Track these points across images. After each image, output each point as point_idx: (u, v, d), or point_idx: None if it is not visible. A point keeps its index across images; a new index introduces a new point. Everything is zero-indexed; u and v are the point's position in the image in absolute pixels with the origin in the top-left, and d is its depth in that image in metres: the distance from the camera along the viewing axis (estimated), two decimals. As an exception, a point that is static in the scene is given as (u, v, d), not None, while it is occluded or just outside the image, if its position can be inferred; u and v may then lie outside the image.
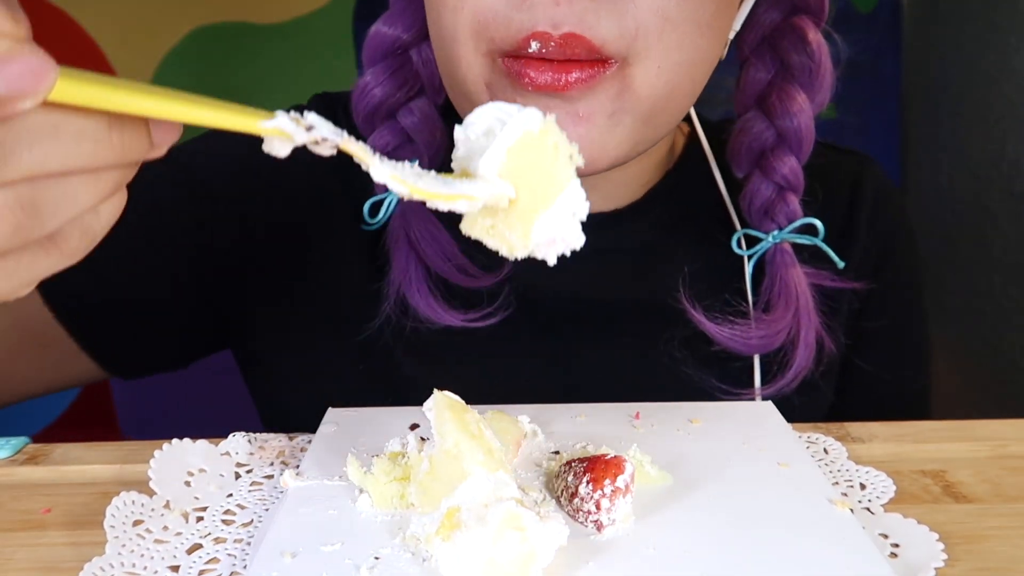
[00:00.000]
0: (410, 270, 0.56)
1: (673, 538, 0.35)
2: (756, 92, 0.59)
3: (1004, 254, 1.24)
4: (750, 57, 0.59)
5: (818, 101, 0.58)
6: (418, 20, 0.57)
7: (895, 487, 0.42)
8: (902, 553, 0.36)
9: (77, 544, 0.39)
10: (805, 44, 0.57)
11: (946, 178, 1.35)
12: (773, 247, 0.58)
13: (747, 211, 0.60)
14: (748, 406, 0.50)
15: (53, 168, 0.27)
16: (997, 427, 0.50)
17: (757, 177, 0.59)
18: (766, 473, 0.41)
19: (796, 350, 0.56)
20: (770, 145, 0.59)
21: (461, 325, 0.56)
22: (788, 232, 0.58)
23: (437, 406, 0.37)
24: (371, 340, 0.58)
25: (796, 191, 0.59)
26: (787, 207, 0.58)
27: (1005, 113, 1.22)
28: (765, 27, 0.58)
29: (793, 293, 0.57)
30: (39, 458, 0.47)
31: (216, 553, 0.37)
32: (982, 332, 1.27)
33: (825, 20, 0.59)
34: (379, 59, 0.58)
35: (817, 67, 0.57)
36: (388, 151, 0.58)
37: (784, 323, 0.56)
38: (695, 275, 0.58)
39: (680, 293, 0.56)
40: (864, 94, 1.41)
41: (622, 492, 0.36)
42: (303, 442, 0.47)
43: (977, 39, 1.27)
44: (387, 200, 0.58)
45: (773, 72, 0.59)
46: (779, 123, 0.58)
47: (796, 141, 0.58)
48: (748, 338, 0.56)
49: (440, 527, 0.33)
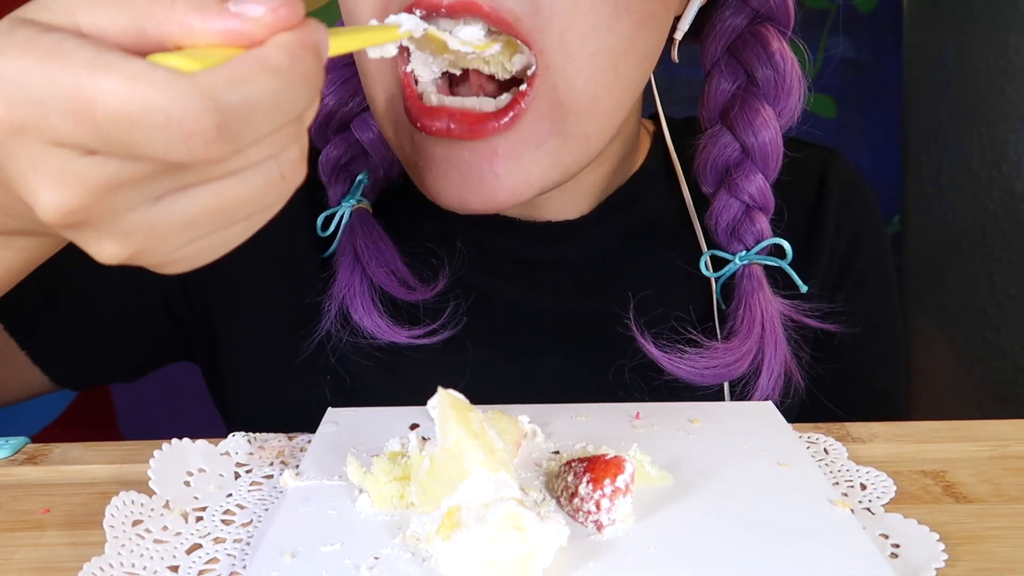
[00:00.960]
0: (354, 284, 0.54)
1: (673, 538, 0.35)
2: (720, 104, 0.56)
3: (1004, 254, 1.24)
4: (712, 68, 0.57)
5: (786, 115, 0.55)
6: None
7: (895, 487, 0.42)
8: (902, 553, 0.36)
9: (76, 544, 0.39)
10: (769, 55, 0.54)
11: (946, 178, 1.35)
12: (741, 269, 0.56)
13: (713, 230, 0.57)
14: (748, 406, 0.50)
15: (294, 114, 0.28)
16: (997, 427, 0.49)
17: (723, 195, 0.56)
18: (766, 473, 0.41)
19: (759, 379, 0.54)
20: (734, 161, 0.56)
21: (406, 342, 0.53)
22: (754, 253, 0.55)
23: (441, 404, 0.37)
24: (315, 356, 0.56)
25: (765, 210, 0.56)
26: (754, 227, 0.56)
27: (1005, 113, 1.22)
28: (729, 35, 0.56)
29: (758, 320, 0.54)
30: (38, 458, 0.47)
31: (216, 553, 0.37)
32: (982, 332, 1.27)
33: (791, 30, 0.56)
34: (330, 68, 0.55)
35: (783, 79, 0.54)
36: (341, 164, 0.57)
37: (743, 351, 0.53)
38: (650, 299, 0.56)
39: (630, 321, 0.53)
40: (864, 94, 1.41)
41: (622, 492, 0.36)
42: (303, 442, 0.47)
43: (977, 39, 1.27)
44: (339, 213, 0.56)
45: (737, 84, 0.56)
46: (743, 138, 0.55)
47: (762, 158, 0.55)
48: (703, 368, 0.53)
49: (440, 526, 0.33)
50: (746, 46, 0.55)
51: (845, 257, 0.63)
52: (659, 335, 0.54)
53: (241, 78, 0.25)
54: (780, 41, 0.55)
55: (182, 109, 0.24)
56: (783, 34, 0.55)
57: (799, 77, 0.55)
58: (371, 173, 0.57)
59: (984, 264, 1.27)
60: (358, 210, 0.56)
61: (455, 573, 0.32)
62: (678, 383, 0.54)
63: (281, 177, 0.29)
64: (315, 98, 0.28)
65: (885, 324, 0.67)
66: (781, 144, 0.55)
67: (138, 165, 0.26)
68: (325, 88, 0.55)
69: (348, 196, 0.56)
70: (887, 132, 1.42)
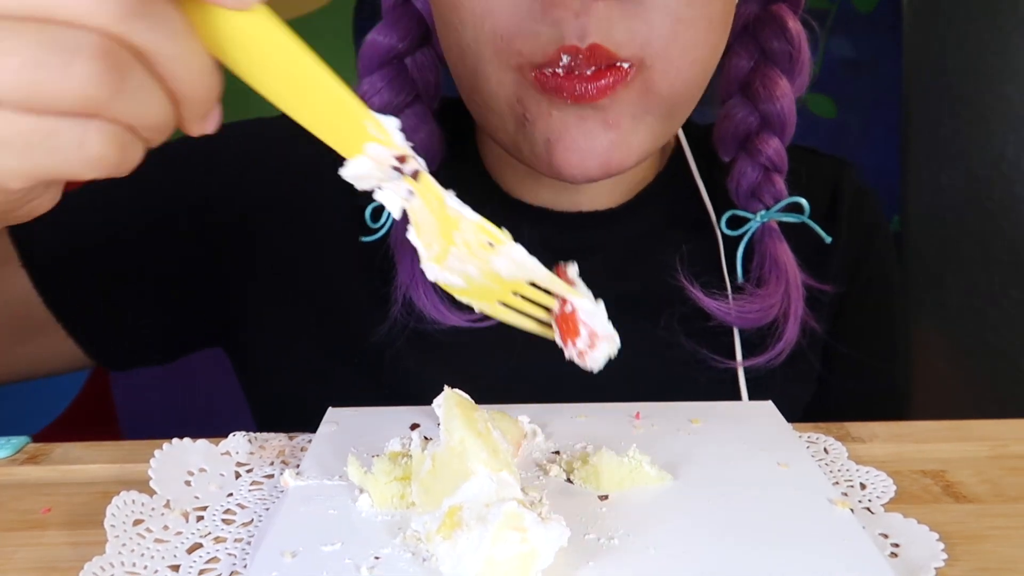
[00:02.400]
0: (415, 274, 0.57)
1: (673, 538, 0.35)
2: (739, 79, 0.62)
3: (1004, 254, 1.24)
4: (733, 45, 0.61)
5: (798, 85, 0.61)
6: (412, 29, 0.59)
7: (895, 487, 0.42)
8: (902, 553, 0.36)
9: (77, 544, 0.39)
10: (785, 31, 0.60)
11: (946, 178, 1.35)
12: (761, 226, 0.61)
13: (734, 193, 0.62)
14: (748, 406, 0.50)
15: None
16: (997, 427, 0.50)
17: (743, 160, 0.61)
18: (766, 473, 0.41)
19: (788, 322, 0.59)
20: (755, 129, 0.61)
21: (467, 325, 0.57)
22: (775, 212, 0.60)
23: (446, 403, 0.37)
24: (380, 344, 0.59)
25: (781, 172, 0.61)
26: (773, 187, 0.60)
27: (1005, 113, 1.22)
28: (746, 16, 0.61)
29: (783, 267, 0.59)
30: (39, 457, 0.47)
31: (216, 553, 0.37)
32: (982, 332, 1.27)
33: (802, 8, 0.61)
34: (375, 68, 0.59)
35: (797, 53, 0.60)
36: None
37: (777, 296, 0.58)
38: (690, 257, 0.61)
39: (678, 272, 0.59)
40: (864, 94, 1.41)
41: (589, 346, 0.36)
42: (303, 442, 0.47)
43: (977, 39, 1.27)
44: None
45: (755, 59, 0.61)
46: (763, 107, 0.60)
47: (780, 123, 0.60)
48: (745, 312, 0.58)
49: (441, 526, 0.33)
50: (763, 25, 0.61)
51: (856, 263, 0.67)
52: (706, 285, 0.59)
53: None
54: (794, 18, 0.60)
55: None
56: (795, 12, 0.61)
57: (808, 52, 0.60)
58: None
59: (984, 264, 1.27)
60: None
61: (455, 573, 0.32)
62: (720, 328, 0.60)
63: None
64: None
65: (892, 325, 0.71)
66: (795, 111, 0.61)
67: None
68: (371, 88, 0.59)
69: None
70: (887, 132, 1.42)
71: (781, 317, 0.59)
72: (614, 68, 0.49)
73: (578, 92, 0.49)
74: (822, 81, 1.40)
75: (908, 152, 1.44)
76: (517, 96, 0.51)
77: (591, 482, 0.40)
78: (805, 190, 0.61)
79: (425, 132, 0.59)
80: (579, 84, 0.49)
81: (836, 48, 1.39)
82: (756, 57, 0.61)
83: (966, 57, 1.30)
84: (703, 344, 0.60)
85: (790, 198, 0.60)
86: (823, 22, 1.40)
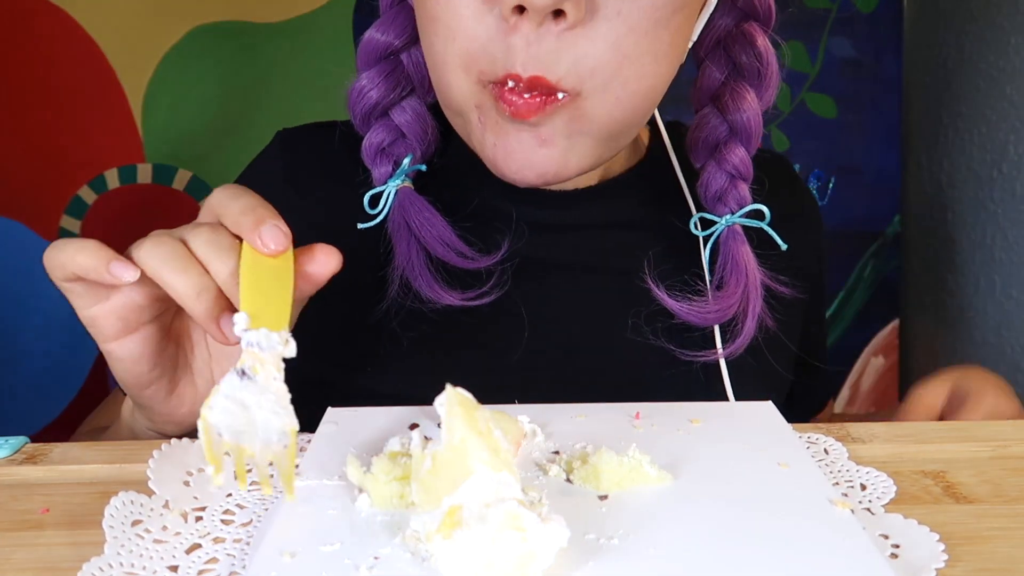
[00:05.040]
0: (411, 256, 0.61)
1: (673, 538, 0.35)
2: (711, 90, 0.66)
3: (1004, 254, 1.24)
4: (705, 59, 0.66)
5: (765, 99, 0.65)
6: (408, 26, 0.63)
7: (896, 487, 0.42)
8: (903, 554, 0.36)
9: (76, 544, 0.39)
10: (754, 48, 0.64)
11: (946, 178, 1.35)
12: (726, 229, 0.65)
13: (703, 197, 0.66)
14: (748, 406, 0.50)
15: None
16: (997, 427, 0.50)
17: (711, 167, 0.66)
18: (766, 473, 0.41)
19: (746, 320, 0.63)
20: (723, 138, 0.65)
21: (461, 304, 0.61)
22: (739, 216, 0.65)
23: (448, 401, 0.37)
24: (379, 323, 0.62)
25: (746, 179, 0.65)
26: (738, 193, 0.65)
27: (1005, 113, 1.22)
28: (719, 32, 0.65)
29: (743, 270, 0.63)
30: (38, 458, 0.47)
31: (215, 553, 0.37)
32: (982, 332, 1.27)
33: (772, 27, 0.66)
34: (373, 63, 0.64)
35: (765, 69, 0.64)
36: (384, 147, 0.65)
37: (735, 297, 0.63)
38: (658, 256, 0.66)
39: (645, 274, 0.63)
40: (864, 94, 1.41)
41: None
42: (302, 442, 0.47)
43: (977, 39, 1.27)
44: (386, 192, 0.63)
45: (726, 73, 0.65)
46: (731, 118, 0.64)
47: (746, 134, 0.65)
48: (705, 312, 0.62)
49: (441, 525, 0.33)
50: (735, 41, 0.65)
51: (801, 244, 0.72)
52: (671, 287, 0.64)
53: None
54: (763, 37, 0.65)
55: None
56: (765, 31, 0.65)
57: (776, 68, 0.65)
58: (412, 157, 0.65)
59: (984, 264, 1.27)
60: (403, 188, 0.64)
61: (455, 573, 0.32)
62: (682, 326, 0.64)
63: None
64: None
65: (823, 304, 0.82)
66: (762, 123, 0.65)
67: None
68: (368, 82, 0.64)
69: (394, 176, 0.64)
70: (887, 132, 1.42)
71: (740, 314, 0.63)
72: (547, 95, 0.53)
73: (512, 109, 0.54)
74: (822, 81, 1.40)
75: (908, 152, 1.44)
76: (476, 102, 0.56)
77: (591, 482, 0.40)
78: (768, 194, 0.66)
79: (420, 123, 0.64)
80: (515, 100, 0.54)
81: (836, 48, 1.39)
82: (727, 71, 0.65)
83: (966, 57, 1.30)
84: (670, 337, 0.64)
85: (753, 205, 0.65)
86: (823, 22, 1.39)
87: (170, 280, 0.44)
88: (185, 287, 0.44)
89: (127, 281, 0.44)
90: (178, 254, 0.44)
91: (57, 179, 1.26)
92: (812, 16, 1.38)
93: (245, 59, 1.32)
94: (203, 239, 0.45)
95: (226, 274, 0.44)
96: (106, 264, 0.44)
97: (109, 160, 1.27)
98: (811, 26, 1.38)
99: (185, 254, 0.45)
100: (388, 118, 0.65)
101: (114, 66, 1.26)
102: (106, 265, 0.44)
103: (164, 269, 0.44)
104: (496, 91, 0.54)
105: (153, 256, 0.44)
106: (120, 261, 0.44)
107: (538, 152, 0.56)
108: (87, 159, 1.26)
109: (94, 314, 0.47)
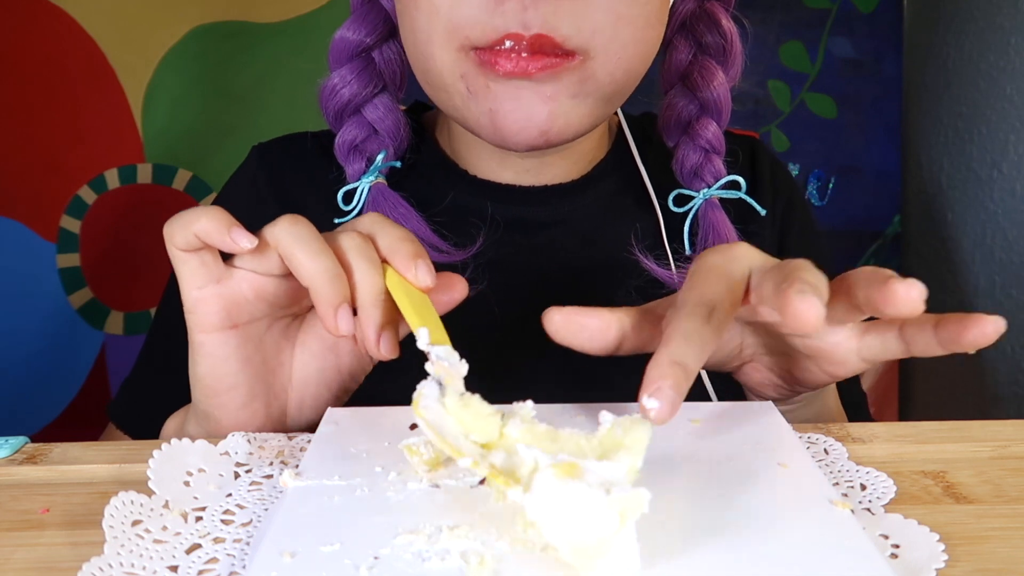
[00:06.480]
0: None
1: (672, 538, 0.35)
2: (679, 70, 0.69)
3: (1004, 254, 1.23)
4: (672, 40, 0.69)
5: (731, 75, 0.68)
6: (379, 24, 0.65)
7: (896, 488, 0.42)
8: (903, 554, 0.36)
9: (75, 544, 0.39)
10: (718, 26, 0.67)
11: (946, 178, 1.35)
12: (704, 202, 0.67)
13: (679, 174, 0.69)
14: (748, 406, 0.50)
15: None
16: (997, 427, 0.50)
17: (685, 143, 0.68)
18: (766, 473, 0.41)
19: None
20: (695, 115, 0.68)
21: (443, 260, 0.61)
22: (716, 189, 0.67)
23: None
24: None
25: (719, 153, 0.68)
26: (713, 167, 0.67)
27: (1005, 113, 1.22)
28: (684, 14, 0.68)
29: (724, 238, 0.65)
30: (37, 458, 0.47)
31: (215, 553, 0.37)
32: (982, 332, 1.27)
33: (733, 6, 0.69)
34: (344, 61, 0.65)
35: (730, 46, 0.67)
36: (357, 143, 0.66)
37: None
38: (639, 237, 0.67)
39: (633, 247, 0.65)
40: (864, 94, 1.41)
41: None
42: (303, 442, 0.47)
43: (977, 39, 1.27)
44: (360, 188, 0.65)
45: (692, 52, 0.68)
46: (701, 95, 0.67)
47: (716, 109, 0.67)
48: None
49: (557, 468, 0.32)
50: (699, 21, 0.68)
51: (783, 218, 0.75)
52: (659, 258, 0.65)
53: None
54: (726, 16, 0.68)
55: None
56: (726, 9, 0.68)
57: (740, 46, 0.68)
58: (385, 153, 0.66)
59: (984, 264, 1.27)
60: (377, 185, 0.65)
61: (549, 518, 0.32)
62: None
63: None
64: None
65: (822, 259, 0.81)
66: (730, 99, 0.68)
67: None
68: (340, 80, 0.65)
69: (367, 173, 0.65)
70: (887, 132, 1.42)
71: None
72: (559, 54, 0.54)
73: (507, 68, 0.54)
74: (822, 81, 1.40)
75: (908, 152, 1.44)
76: (460, 72, 0.57)
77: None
78: (727, 164, 0.68)
79: (392, 119, 0.66)
80: (510, 61, 0.54)
81: (836, 48, 1.39)
82: (693, 50, 0.68)
83: (966, 57, 1.30)
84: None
85: (728, 176, 0.67)
86: (823, 22, 1.40)
87: (303, 259, 0.43)
88: (318, 269, 0.43)
89: (245, 248, 0.43)
90: (316, 239, 0.44)
91: (57, 179, 1.26)
92: (812, 16, 1.38)
93: (245, 59, 1.32)
94: (355, 243, 0.45)
95: (374, 284, 0.44)
96: (228, 228, 0.43)
97: (109, 160, 1.27)
98: (811, 26, 1.38)
99: (323, 242, 0.44)
100: (360, 115, 0.66)
101: (114, 66, 1.26)
102: (227, 229, 0.43)
103: (298, 247, 0.44)
104: (482, 56, 0.55)
105: (289, 234, 0.44)
106: (242, 228, 0.43)
107: (541, 108, 0.56)
108: (87, 159, 1.27)
109: (201, 296, 0.46)
